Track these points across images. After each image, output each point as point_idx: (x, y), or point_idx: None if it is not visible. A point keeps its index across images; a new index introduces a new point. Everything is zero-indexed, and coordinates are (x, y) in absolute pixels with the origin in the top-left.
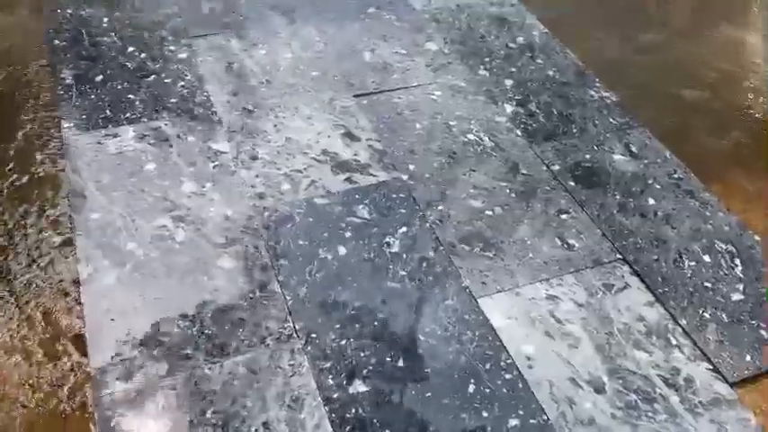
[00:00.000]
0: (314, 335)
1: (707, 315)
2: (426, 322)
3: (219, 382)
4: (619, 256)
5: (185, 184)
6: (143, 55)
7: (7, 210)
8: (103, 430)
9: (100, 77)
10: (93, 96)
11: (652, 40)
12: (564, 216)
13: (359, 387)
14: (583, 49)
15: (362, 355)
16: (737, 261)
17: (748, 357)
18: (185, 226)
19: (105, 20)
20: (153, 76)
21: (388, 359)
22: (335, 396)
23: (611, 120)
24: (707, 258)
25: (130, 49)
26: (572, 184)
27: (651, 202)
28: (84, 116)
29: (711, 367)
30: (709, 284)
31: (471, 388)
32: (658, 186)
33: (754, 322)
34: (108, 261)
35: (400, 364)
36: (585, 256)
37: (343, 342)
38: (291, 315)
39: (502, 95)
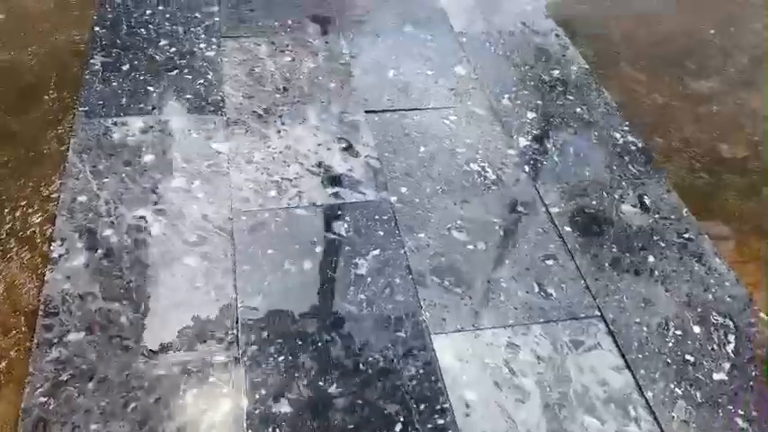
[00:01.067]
0: (255, 346)
1: (678, 391)
2: (371, 351)
3: (150, 377)
4: (597, 312)
5: (176, 179)
6: (173, 49)
7: (6, 182)
8: (29, 407)
9: (126, 66)
10: (114, 84)
11: (702, 87)
12: (550, 262)
13: (283, 407)
14: (622, 89)
15: (296, 374)
16: (732, 338)
17: None
18: (163, 220)
19: (148, 12)
20: (176, 71)
21: (320, 383)
22: (257, 412)
23: (630, 167)
24: (696, 329)
25: (162, 42)
26: (568, 229)
27: (651, 260)
28: (100, 102)
29: None
30: (691, 358)
31: (398, 427)
32: (663, 244)
33: (731, 407)
34: (82, 244)
35: (332, 390)
36: (561, 307)
37: (281, 358)
38: (238, 323)
39: (519, 128)
